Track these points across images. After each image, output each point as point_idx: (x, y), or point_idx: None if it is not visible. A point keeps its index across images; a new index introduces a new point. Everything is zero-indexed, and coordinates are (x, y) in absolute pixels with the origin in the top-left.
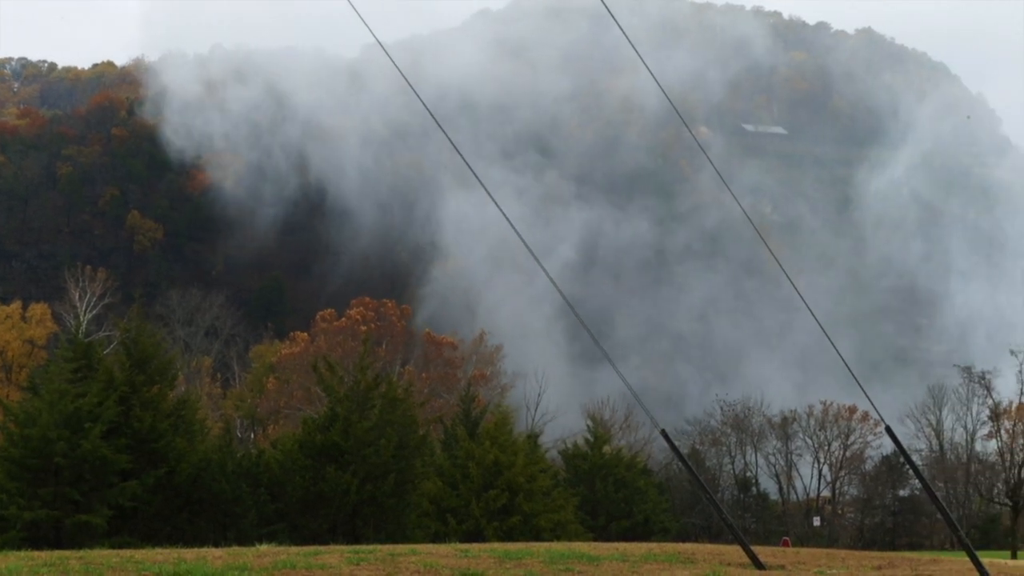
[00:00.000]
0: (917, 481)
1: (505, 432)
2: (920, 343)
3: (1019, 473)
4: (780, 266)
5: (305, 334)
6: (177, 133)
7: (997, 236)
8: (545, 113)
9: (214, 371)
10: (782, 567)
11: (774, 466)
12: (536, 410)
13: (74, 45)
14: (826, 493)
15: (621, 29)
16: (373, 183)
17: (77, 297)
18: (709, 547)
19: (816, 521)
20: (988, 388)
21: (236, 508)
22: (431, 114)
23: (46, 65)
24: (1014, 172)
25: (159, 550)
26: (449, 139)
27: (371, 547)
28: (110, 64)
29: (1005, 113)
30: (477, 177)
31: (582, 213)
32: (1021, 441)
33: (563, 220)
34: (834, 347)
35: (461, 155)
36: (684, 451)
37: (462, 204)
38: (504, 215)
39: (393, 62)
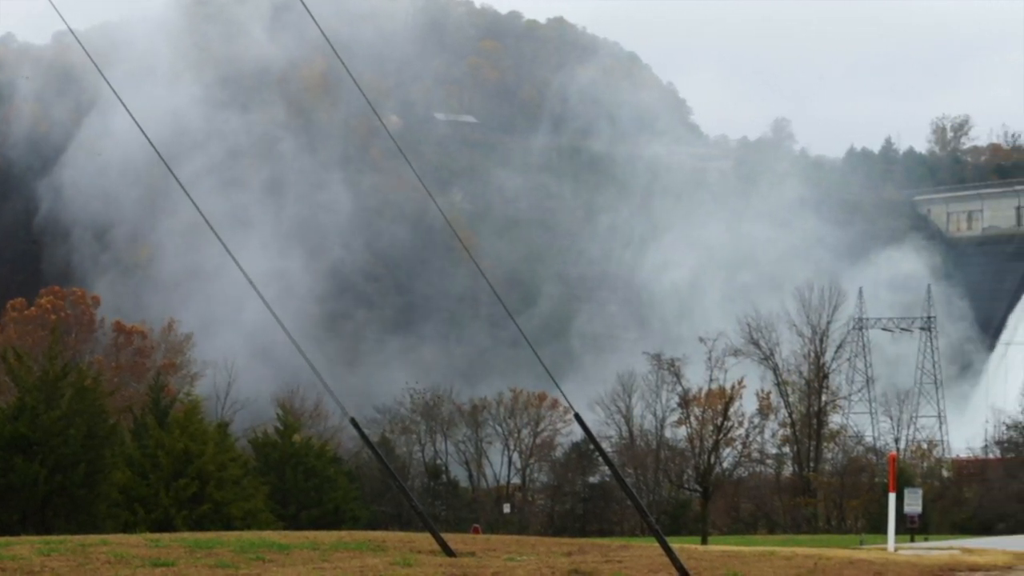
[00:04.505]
0: (607, 468)
1: (195, 421)
2: (611, 330)
3: (708, 459)
4: (469, 253)
5: None
6: None
7: (686, 224)
8: (239, 89)
9: None
10: (472, 554)
11: (464, 453)
12: (226, 399)
13: None
14: (516, 480)
15: (312, 17)
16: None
17: None
18: (400, 535)
19: (506, 508)
20: (678, 375)
21: None
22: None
23: None
24: (704, 160)
25: None
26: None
27: (61, 538)
28: None
29: (695, 101)
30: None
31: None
32: (710, 427)
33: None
34: (525, 338)
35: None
36: (374, 439)
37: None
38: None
39: (79, 41)
